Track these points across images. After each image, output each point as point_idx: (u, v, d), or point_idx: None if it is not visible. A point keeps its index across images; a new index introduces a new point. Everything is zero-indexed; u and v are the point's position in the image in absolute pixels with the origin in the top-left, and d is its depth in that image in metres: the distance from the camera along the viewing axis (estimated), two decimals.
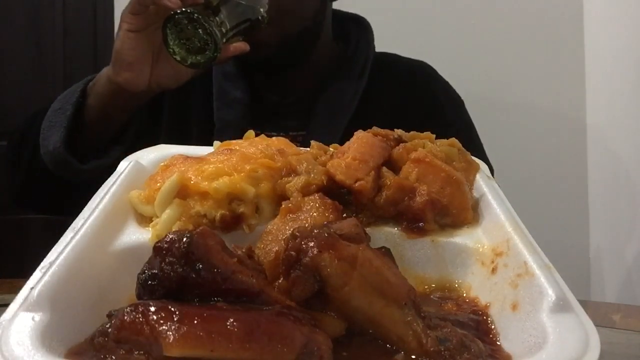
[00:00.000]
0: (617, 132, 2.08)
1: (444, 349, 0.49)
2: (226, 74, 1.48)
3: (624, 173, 2.05)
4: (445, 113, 1.52)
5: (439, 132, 0.84)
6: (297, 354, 0.44)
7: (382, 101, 1.47)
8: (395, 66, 1.58)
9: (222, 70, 1.49)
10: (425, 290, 0.66)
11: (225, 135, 1.33)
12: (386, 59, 1.58)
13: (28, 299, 0.50)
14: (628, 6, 1.99)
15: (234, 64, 1.48)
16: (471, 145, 1.50)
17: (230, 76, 1.48)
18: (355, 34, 1.55)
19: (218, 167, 0.70)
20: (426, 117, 1.46)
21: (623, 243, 2.05)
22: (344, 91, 1.45)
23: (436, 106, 1.51)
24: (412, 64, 1.61)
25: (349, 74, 1.47)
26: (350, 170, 0.70)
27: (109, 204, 0.68)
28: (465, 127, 1.55)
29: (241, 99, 1.44)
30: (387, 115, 1.43)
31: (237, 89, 1.46)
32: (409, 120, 0.91)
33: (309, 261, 0.49)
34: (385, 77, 1.53)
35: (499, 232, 0.65)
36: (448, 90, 1.60)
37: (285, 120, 1.45)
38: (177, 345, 0.42)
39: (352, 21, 1.58)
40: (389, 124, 0.86)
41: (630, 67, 1.98)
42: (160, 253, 0.49)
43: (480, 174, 0.78)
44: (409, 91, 1.52)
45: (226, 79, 1.47)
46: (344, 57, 1.50)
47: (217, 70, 1.49)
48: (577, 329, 0.49)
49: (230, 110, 1.43)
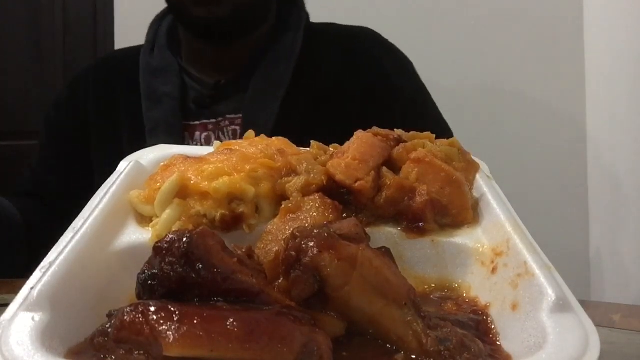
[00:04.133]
0: (617, 132, 2.08)
1: (444, 349, 0.49)
2: (154, 70, 1.43)
3: (624, 173, 2.05)
4: (391, 79, 1.42)
5: (386, 100, 0.78)
6: (297, 353, 0.44)
7: (320, 72, 1.39)
8: (333, 34, 1.49)
9: (150, 67, 1.44)
10: (425, 290, 0.66)
11: (157, 135, 1.31)
12: (323, 27, 1.51)
13: (28, 299, 0.50)
14: (628, 6, 1.98)
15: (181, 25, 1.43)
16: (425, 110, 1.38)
17: (158, 72, 1.42)
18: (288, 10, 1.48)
19: (218, 167, 0.70)
20: (370, 85, 1.38)
21: (623, 243, 2.05)
22: (276, 66, 1.38)
23: (381, 74, 1.41)
24: (351, 29, 1.52)
25: (280, 47, 1.40)
26: (350, 170, 0.70)
27: (109, 204, 0.68)
28: (416, 92, 1.46)
29: (170, 93, 1.39)
30: (325, 86, 1.36)
31: (166, 84, 1.40)
32: (350, 91, 0.84)
33: (309, 261, 0.49)
34: (322, 46, 1.45)
35: (499, 232, 0.65)
36: (393, 53, 1.50)
37: (220, 105, 1.39)
38: (177, 345, 0.42)
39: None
40: (329, 96, 0.80)
41: (630, 67, 1.98)
42: (160, 253, 0.49)
43: (480, 174, 0.78)
44: (349, 58, 1.43)
45: (154, 76, 1.42)
46: (275, 28, 1.44)
47: (145, 68, 1.44)
48: (577, 329, 0.49)
49: (160, 108, 1.38)
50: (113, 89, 1.46)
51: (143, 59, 1.46)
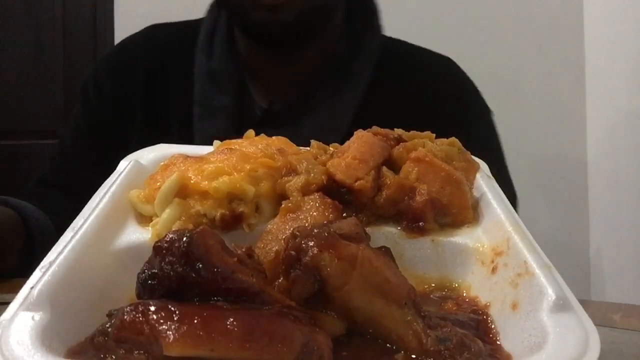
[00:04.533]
0: (617, 131, 2.08)
1: (444, 348, 0.49)
2: (211, 75, 1.24)
3: (624, 173, 2.05)
4: (470, 128, 1.23)
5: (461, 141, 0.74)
6: (297, 353, 0.44)
7: (389, 105, 1.22)
8: (411, 61, 1.32)
9: (206, 69, 1.25)
10: (425, 290, 0.66)
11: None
12: (399, 48, 1.33)
13: (28, 299, 0.50)
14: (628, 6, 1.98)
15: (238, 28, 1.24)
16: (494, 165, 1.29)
17: (215, 78, 1.24)
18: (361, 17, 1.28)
19: (218, 166, 0.70)
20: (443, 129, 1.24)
21: (623, 243, 2.05)
22: (340, 97, 1.22)
23: (461, 121, 1.22)
24: (433, 58, 1.34)
25: (348, 73, 1.23)
26: (350, 169, 0.70)
27: (109, 204, 0.68)
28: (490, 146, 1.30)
29: (226, 107, 1.22)
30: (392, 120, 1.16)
31: (223, 93, 1.23)
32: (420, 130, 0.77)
33: (309, 261, 0.49)
34: (394, 73, 1.27)
35: (499, 232, 0.65)
36: (476, 96, 1.34)
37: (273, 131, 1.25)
38: (177, 344, 0.42)
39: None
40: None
41: (630, 67, 1.98)
42: (160, 252, 0.49)
43: (480, 174, 0.78)
44: (426, 93, 1.26)
45: (210, 81, 1.24)
46: (345, 42, 1.26)
47: (201, 69, 1.25)
48: (577, 329, 0.49)
49: (214, 121, 1.21)
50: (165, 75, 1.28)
51: (200, 56, 1.26)
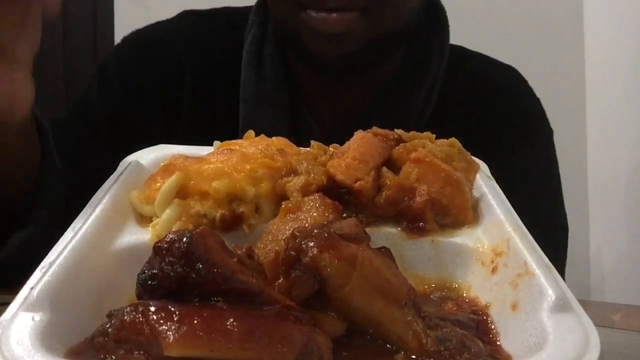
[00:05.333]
0: (617, 132, 2.08)
1: (444, 348, 0.49)
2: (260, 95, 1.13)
3: (624, 173, 2.05)
4: (534, 148, 1.21)
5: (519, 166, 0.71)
6: (297, 353, 0.44)
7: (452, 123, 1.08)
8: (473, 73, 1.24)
9: (255, 90, 1.14)
10: (425, 290, 0.66)
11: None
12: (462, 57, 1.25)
13: (28, 299, 0.50)
14: (628, 6, 1.99)
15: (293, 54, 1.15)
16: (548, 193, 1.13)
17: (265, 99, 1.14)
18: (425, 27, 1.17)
19: (218, 167, 0.70)
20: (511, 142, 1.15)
21: (623, 243, 2.05)
22: (406, 110, 1.14)
23: (520, 142, 1.18)
24: (500, 69, 1.28)
25: (413, 84, 1.15)
26: (350, 170, 0.70)
27: (109, 204, 0.68)
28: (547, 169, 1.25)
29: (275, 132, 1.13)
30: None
31: (271, 116, 1.14)
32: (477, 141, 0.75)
33: (309, 261, 0.49)
34: (457, 89, 1.19)
35: (499, 232, 0.65)
36: (541, 114, 1.28)
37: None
38: (177, 345, 0.42)
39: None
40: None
41: (630, 67, 1.98)
42: (160, 253, 0.49)
43: (480, 174, 0.78)
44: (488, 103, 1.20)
45: (259, 101, 1.13)
46: (410, 60, 1.17)
47: (248, 89, 1.14)
48: (577, 329, 0.49)
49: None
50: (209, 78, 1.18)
51: (248, 72, 1.15)
